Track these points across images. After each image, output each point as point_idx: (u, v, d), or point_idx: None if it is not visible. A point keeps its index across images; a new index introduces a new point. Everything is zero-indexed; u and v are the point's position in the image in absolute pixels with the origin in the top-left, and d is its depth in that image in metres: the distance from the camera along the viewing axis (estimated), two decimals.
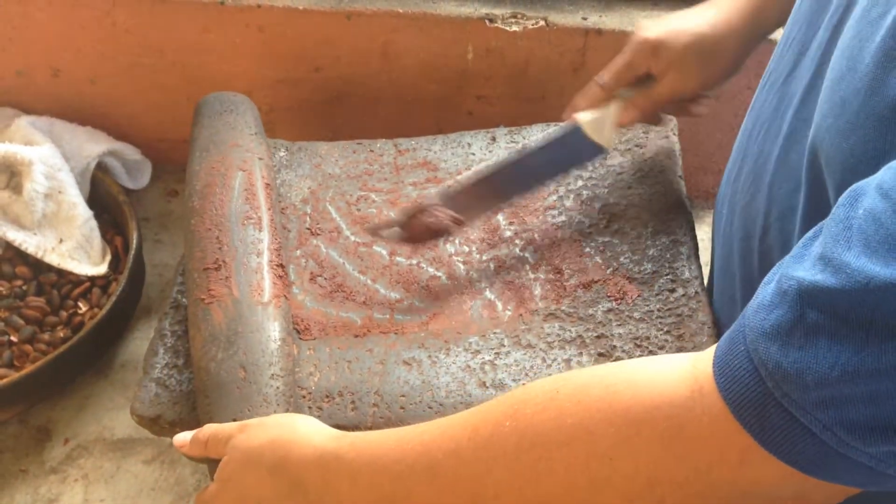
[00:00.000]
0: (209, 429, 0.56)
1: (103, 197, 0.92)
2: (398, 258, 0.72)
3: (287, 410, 0.59)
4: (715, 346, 0.39)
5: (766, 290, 0.36)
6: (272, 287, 0.67)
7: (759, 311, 0.36)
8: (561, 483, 0.41)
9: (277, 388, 0.60)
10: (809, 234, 0.36)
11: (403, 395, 0.62)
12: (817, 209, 0.44)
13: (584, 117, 0.69)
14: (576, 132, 0.69)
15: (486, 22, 0.87)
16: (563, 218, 0.72)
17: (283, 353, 0.63)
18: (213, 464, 0.55)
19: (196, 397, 0.62)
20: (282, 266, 0.69)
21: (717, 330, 0.63)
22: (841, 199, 0.35)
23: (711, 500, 0.39)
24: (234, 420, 0.57)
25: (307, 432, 0.52)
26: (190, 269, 0.68)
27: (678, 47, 0.66)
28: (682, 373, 0.39)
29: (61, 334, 0.81)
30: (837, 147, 0.40)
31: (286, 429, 0.53)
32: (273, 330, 0.63)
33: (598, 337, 0.64)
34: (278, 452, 0.51)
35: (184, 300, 0.70)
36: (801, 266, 0.35)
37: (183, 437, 0.57)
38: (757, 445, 0.35)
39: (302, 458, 0.50)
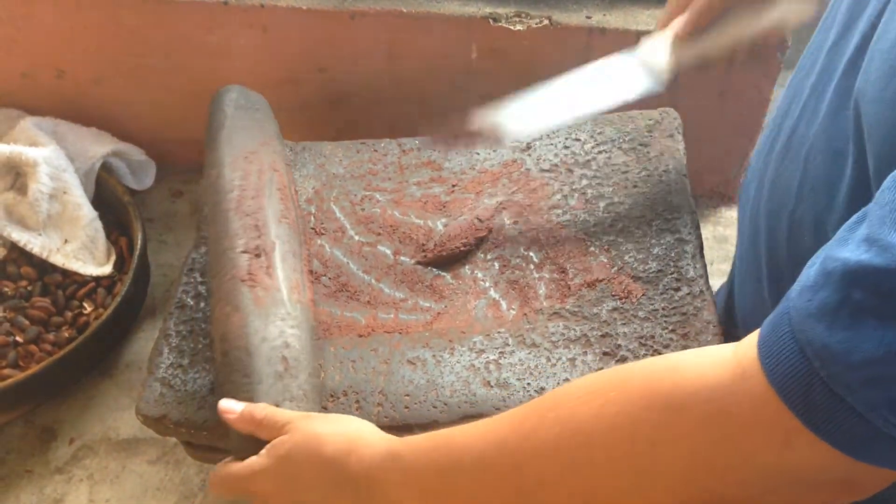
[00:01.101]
0: (266, 408, 0.56)
1: (108, 197, 0.92)
2: (402, 258, 0.72)
3: (316, 411, 0.60)
4: (756, 332, 0.39)
5: (810, 272, 0.36)
6: (308, 290, 0.67)
7: (804, 292, 0.35)
8: (603, 471, 0.42)
9: (314, 385, 0.61)
10: (853, 219, 0.36)
11: (408, 395, 0.62)
12: (858, 180, 0.44)
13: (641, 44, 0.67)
14: (628, 57, 0.67)
15: (490, 21, 0.87)
16: (567, 217, 0.72)
17: (316, 356, 0.63)
18: (251, 443, 0.55)
19: (225, 372, 0.60)
20: (311, 272, 0.70)
21: (722, 329, 0.63)
22: (886, 183, 0.35)
23: (756, 487, 0.38)
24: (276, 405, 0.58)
25: (370, 432, 0.53)
26: (222, 248, 0.67)
27: None
28: (724, 359, 0.39)
29: (66, 335, 0.81)
30: (881, 118, 0.39)
31: (353, 425, 0.54)
32: (311, 330, 0.64)
33: (602, 336, 0.63)
34: (341, 445, 0.52)
35: (189, 300, 0.70)
36: (846, 248, 0.34)
37: (230, 406, 0.57)
38: (802, 427, 0.35)
39: (364, 455, 0.51)
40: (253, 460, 0.55)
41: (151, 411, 0.63)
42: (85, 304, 0.84)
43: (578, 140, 0.79)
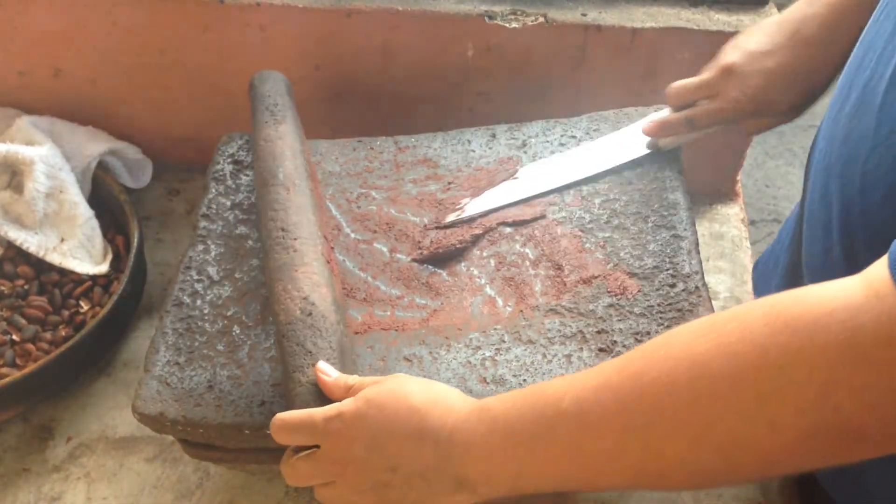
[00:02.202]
0: (355, 378, 0.57)
1: (104, 196, 0.92)
2: (398, 255, 0.72)
3: None
4: (883, 257, 0.39)
5: None
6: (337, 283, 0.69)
7: None
8: (725, 401, 0.41)
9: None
10: None
11: None
12: None
13: (663, 143, 0.75)
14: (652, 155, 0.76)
15: (486, 19, 0.87)
16: (563, 214, 0.72)
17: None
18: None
19: (300, 332, 0.60)
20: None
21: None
22: None
23: (890, 408, 0.38)
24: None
25: (458, 393, 0.54)
26: (290, 223, 0.69)
27: (747, 73, 0.69)
28: (852, 284, 0.39)
29: (63, 333, 0.82)
30: None
31: (441, 385, 0.55)
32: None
33: (598, 332, 0.64)
34: (429, 397, 0.53)
35: (186, 298, 0.70)
36: None
37: (328, 369, 0.58)
38: None
39: (452, 407, 0.52)
40: (337, 404, 0.55)
41: (148, 409, 0.63)
42: (82, 303, 0.84)
43: (574, 137, 0.79)
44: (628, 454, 0.45)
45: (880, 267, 0.39)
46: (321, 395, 0.57)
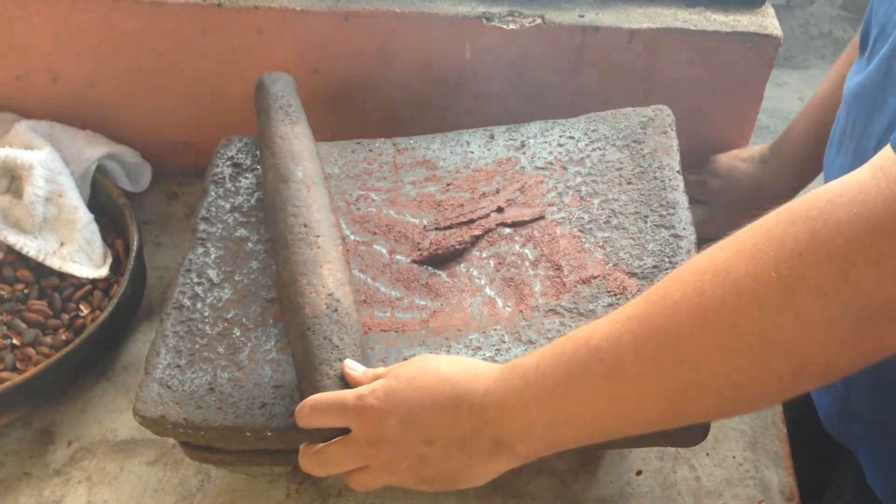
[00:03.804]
0: (381, 369, 0.57)
1: (104, 200, 0.92)
2: (398, 256, 0.72)
3: None
4: (886, 145, 0.40)
5: None
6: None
7: None
8: (748, 297, 0.41)
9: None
10: None
11: None
12: None
13: None
14: None
15: (483, 21, 0.88)
16: (562, 214, 0.73)
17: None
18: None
19: (326, 327, 0.61)
20: None
21: None
22: None
23: None
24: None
25: (487, 363, 0.55)
26: (314, 220, 0.70)
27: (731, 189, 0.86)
28: (860, 171, 0.40)
29: (63, 337, 0.82)
30: None
31: (469, 359, 0.57)
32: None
33: None
34: (459, 367, 0.54)
35: (186, 301, 0.70)
36: None
37: (355, 364, 0.58)
38: None
39: (481, 372, 0.53)
40: (368, 385, 0.55)
41: (149, 412, 0.64)
42: (82, 307, 0.84)
43: (572, 138, 0.79)
44: (663, 376, 0.45)
45: (884, 150, 0.40)
46: (347, 388, 0.57)
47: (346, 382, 0.58)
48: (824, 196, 0.41)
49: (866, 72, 0.58)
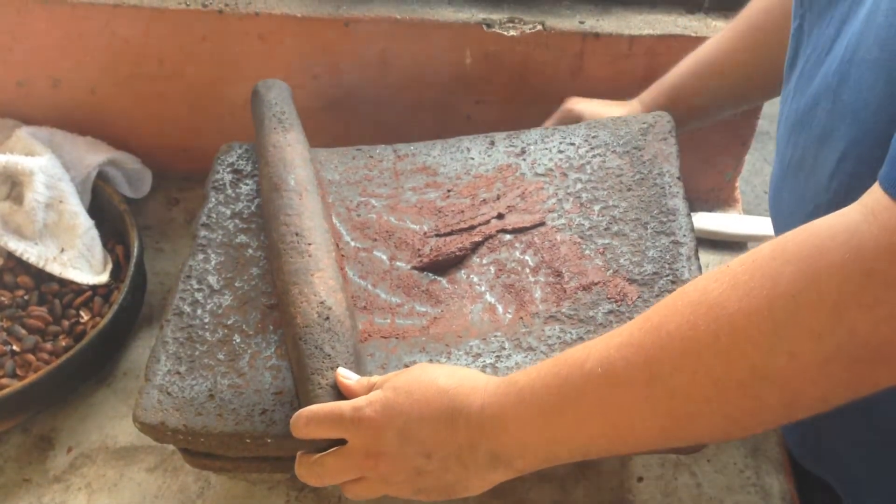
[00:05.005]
0: (375, 377, 0.57)
1: (104, 206, 0.93)
2: (398, 263, 0.72)
3: None
4: (875, 184, 0.40)
5: None
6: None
7: None
8: (742, 334, 0.42)
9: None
10: None
11: None
12: None
13: None
14: None
15: (484, 27, 0.88)
16: (562, 221, 0.73)
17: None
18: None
19: (318, 336, 0.61)
20: None
21: None
22: None
23: None
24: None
25: (483, 375, 0.56)
26: (304, 228, 0.70)
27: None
28: (849, 210, 0.40)
29: (63, 343, 0.82)
30: None
31: (465, 369, 0.57)
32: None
33: None
34: (454, 379, 0.54)
35: (186, 308, 0.70)
36: None
37: (348, 373, 0.58)
38: None
39: (478, 385, 0.53)
40: (365, 396, 0.55)
41: (149, 418, 0.63)
42: (82, 313, 0.84)
43: (573, 144, 0.79)
44: (656, 405, 0.45)
45: (873, 190, 0.40)
46: (341, 397, 0.57)
47: (339, 392, 0.58)
48: (817, 234, 0.41)
49: (805, 98, 0.57)
